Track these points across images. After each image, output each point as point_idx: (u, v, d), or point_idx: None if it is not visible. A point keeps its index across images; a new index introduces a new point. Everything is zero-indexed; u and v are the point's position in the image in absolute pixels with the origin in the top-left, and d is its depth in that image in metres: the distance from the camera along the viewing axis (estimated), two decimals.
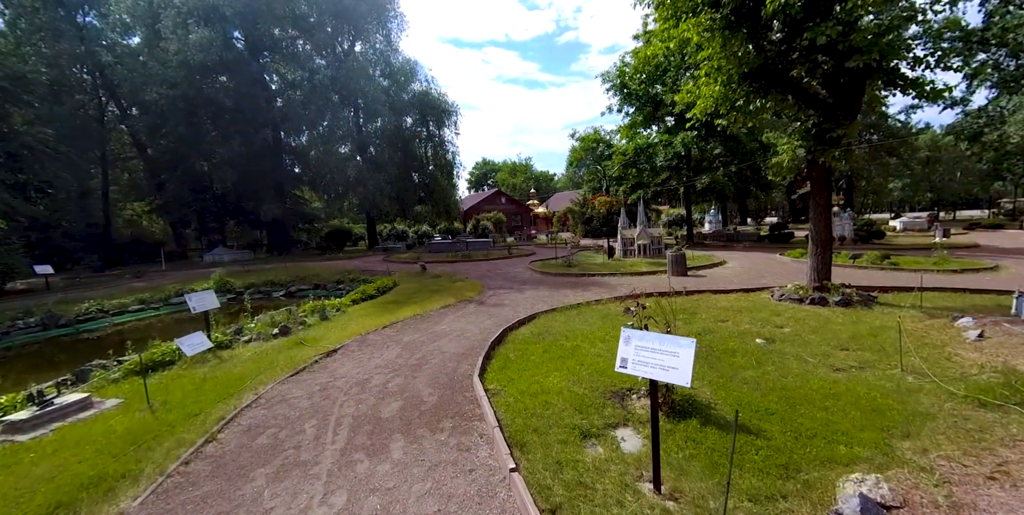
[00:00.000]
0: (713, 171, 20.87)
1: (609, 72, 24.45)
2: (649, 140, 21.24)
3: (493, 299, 10.21)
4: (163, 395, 5.17)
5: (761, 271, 12.66)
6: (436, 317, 8.62)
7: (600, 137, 25.11)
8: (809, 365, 5.13)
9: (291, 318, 8.92)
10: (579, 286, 11.37)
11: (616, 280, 12.10)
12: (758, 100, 8.36)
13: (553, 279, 12.85)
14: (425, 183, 36.67)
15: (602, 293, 10.15)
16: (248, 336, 7.85)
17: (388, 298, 11.12)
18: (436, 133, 37.27)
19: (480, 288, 11.69)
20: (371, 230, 35.41)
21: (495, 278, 13.62)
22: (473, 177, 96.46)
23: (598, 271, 13.52)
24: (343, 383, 5.28)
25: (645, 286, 10.89)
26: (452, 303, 9.85)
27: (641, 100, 23.55)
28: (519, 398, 4.43)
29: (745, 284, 10.47)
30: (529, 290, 11.17)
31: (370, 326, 8.07)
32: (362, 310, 9.79)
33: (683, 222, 43.17)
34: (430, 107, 35.97)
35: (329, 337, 7.50)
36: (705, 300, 8.89)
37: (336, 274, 16.45)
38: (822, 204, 8.24)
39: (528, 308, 8.91)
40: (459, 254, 20.20)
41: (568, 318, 7.68)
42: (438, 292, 11.36)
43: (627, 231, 16.97)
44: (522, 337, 6.64)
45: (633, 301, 6.83)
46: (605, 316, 7.71)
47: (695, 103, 9.35)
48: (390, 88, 33.89)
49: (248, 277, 16.84)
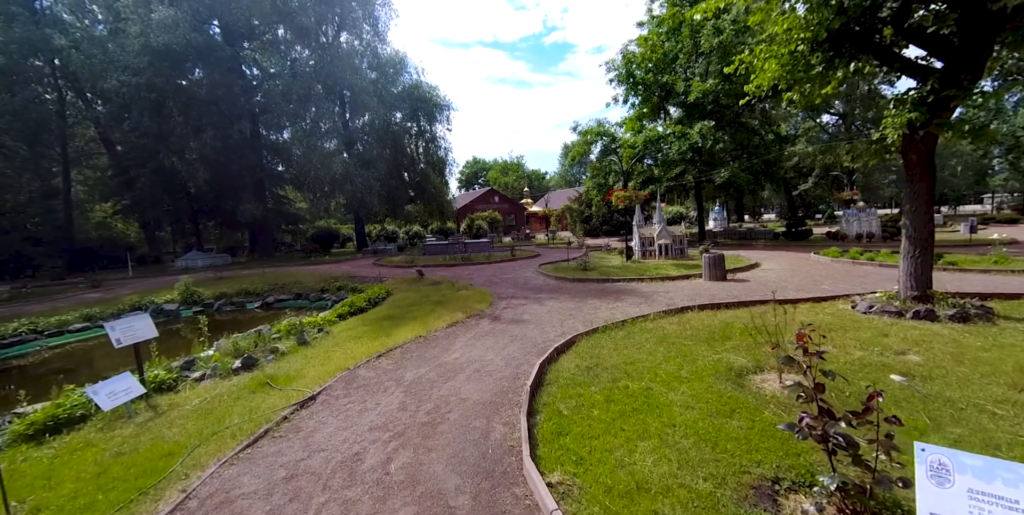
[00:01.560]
0: (729, 164, 19.38)
1: (614, 60, 22.87)
2: (661, 132, 19.65)
3: (509, 313, 8.49)
4: (41, 490, 3.37)
5: (810, 274, 11.12)
6: (444, 340, 6.88)
7: (604, 130, 23.52)
8: (1005, 422, 3.51)
9: (260, 343, 7.10)
10: (606, 295, 9.71)
11: (647, 287, 10.46)
12: (840, 68, 6.77)
13: (572, 286, 11.17)
14: (416, 181, 34.80)
15: (639, 304, 8.50)
16: (201, 371, 6.03)
17: (381, 312, 9.33)
18: (427, 129, 35.44)
19: (490, 298, 9.96)
20: (360, 231, 33.47)
21: (504, 285, 11.90)
22: (464, 176, 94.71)
23: (620, 275, 11.88)
24: (322, 464, 3.52)
25: (683, 294, 9.29)
26: (460, 318, 8.11)
27: (649, 89, 22.01)
28: (606, 504, 2.72)
29: (804, 291, 8.91)
30: (548, 300, 9.48)
31: (360, 354, 6.30)
32: (350, 329, 8.00)
33: (681, 220, 41.94)
34: (421, 101, 34.12)
35: (306, 373, 5.72)
36: (772, 312, 7.27)
37: (321, 281, 14.58)
38: (924, 193, 6.68)
39: (557, 326, 7.22)
40: (458, 257, 18.43)
41: (617, 343, 6.00)
42: (441, 304, 9.61)
43: (645, 229, 15.37)
44: (567, 374, 4.94)
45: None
46: (662, 339, 6.05)
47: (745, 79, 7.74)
48: (378, 81, 32.02)
49: (220, 285, 14.88)
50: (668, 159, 19.42)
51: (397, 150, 32.99)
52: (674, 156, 19.31)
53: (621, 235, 37.69)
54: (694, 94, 18.94)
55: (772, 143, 21.24)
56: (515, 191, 73.53)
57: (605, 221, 36.66)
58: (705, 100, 19.40)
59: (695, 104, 19.95)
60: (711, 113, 19.88)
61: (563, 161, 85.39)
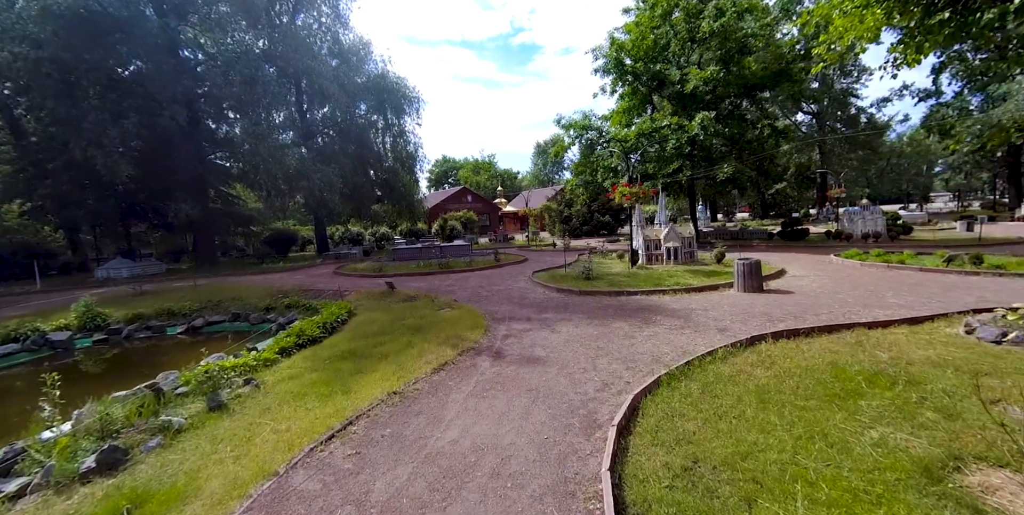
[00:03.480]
0: (730, 159, 17.93)
1: (601, 46, 21.08)
2: (655, 124, 17.99)
3: (514, 345, 6.35)
4: None
5: (856, 283, 9.52)
6: (430, 398, 4.67)
7: (590, 124, 21.75)
8: None
9: (147, 412, 4.68)
10: (631, 314, 7.72)
11: (674, 301, 8.55)
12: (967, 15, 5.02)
13: (581, 301, 9.14)
14: (384, 178, 31.97)
15: (683, 330, 6.55)
16: (23, 479, 3.60)
17: (340, 344, 6.98)
18: (395, 122, 32.68)
19: (483, 321, 7.77)
20: (320, 233, 30.43)
21: (496, 300, 9.73)
22: (433, 175, 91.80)
23: (634, 286, 9.95)
24: None
25: (726, 312, 7.44)
26: (449, 357, 5.91)
27: (639, 79, 20.35)
28: None
29: (875, 308, 7.23)
30: (560, 323, 7.40)
31: (302, 435, 4.01)
32: (293, 377, 5.64)
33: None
34: (388, 93, 31.37)
35: (203, 485, 3.38)
36: (868, 341, 5.47)
37: (267, 296, 11.94)
38: None
39: (589, 369, 5.15)
40: (434, 263, 16.05)
41: (700, 407, 3.97)
42: (419, 331, 7.34)
43: (650, 230, 13.58)
44: (657, 487, 2.85)
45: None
46: (763, 398, 4.07)
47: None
48: (340, 69, 29.17)
49: (138, 303, 11.98)
50: (664, 154, 17.76)
51: (362, 145, 30.13)
52: (670, 151, 17.68)
53: (602, 235, 36.23)
54: (692, 83, 17.37)
55: (768, 137, 20.01)
56: (488, 190, 71.34)
57: (585, 221, 35.12)
58: (704, 90, 17.89)
59: (691, 94, 18.42)
60: (709, 104, 18.40)
61: (536, 160, 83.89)
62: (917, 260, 11.71)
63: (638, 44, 19.90)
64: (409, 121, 32.87)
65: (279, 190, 24.77)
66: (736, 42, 17.35)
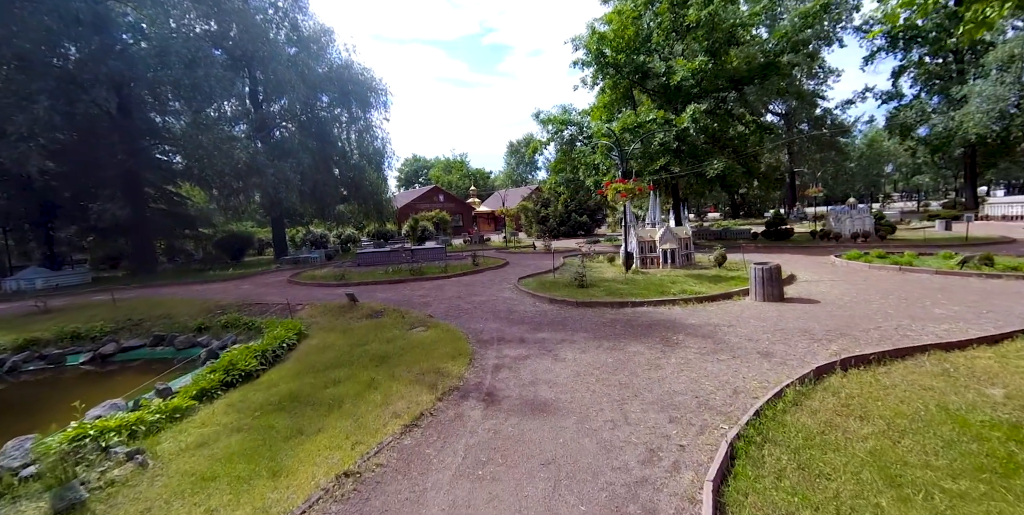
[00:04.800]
0: (719, 155, 17.08)
1: (581, 36, 19.91)
2: (641, 118, 16.95)
3: (511, 383, 4.90)
4: None
5: (879, 289, 8.58)
6: (399, 485, 3.16)
7: (570, 119, 20.57)
8: None
9: None
10: (646, 334, 6.42)
11: (688, 314, 7.33)
12: None
13: (580, 315, 7.78)
14: (349, 176, 29.76)
15: (716, 356, 5.28)
16: None
17: (281, 385, 5.33)
18: (361, 116, 30.56)
19: (466, 346, 6.28)
20: (278, 235, 28.05)
21: (479, 315, 8.25)
22: (403, 174, 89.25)
23: (636, 296, 8.70)
24: None
25: (757, 328, 6.27)
26: (426, 405, 4.40)
27: (622, 71, 19.30)
28: None
29: (925, 321, 6.20)
30: (563, 347, 6.00)
31: None
32: (204, 445, 3.98)
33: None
34: (352, 84, 29.25)
35: None
36: (957, 370, 4.35)
37: (203, 312, 10.01)
38: None
39: (619, 422, 3.77)
40: (404, 269, 14.33)
41: (813, 498, 2.64)
42: (386, 362, 5.78)
43: (644, 231, 12.41)
44: None
45: None
46: (887, 470, 2.80)
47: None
48: (299, 57, 26.96)
49: (38, 325, 9.78)
50: (650, 150, 16.72)
51: (324, 140, 27.90)
52: (656, 147, 16.66)
53: (580, 236, 35.24)
54: (680, 74, 16.41)
55: (752, 134, 19.36)
56: (460, 190, 69.52)
57: (563, 222, 34.06)
58: (690, 83, 16.97)
59: (677, 88, 17.49)
60: (694, 98, 17.52)
61: (508, 160, 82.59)
62: (923, 261, 11.03)
63: (620, 34, 18.85)
64: (376, 115, 30.90)
65: (229, 187, 22.34)
66: (724, 32, 16.52)
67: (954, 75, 33.01)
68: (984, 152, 33.76)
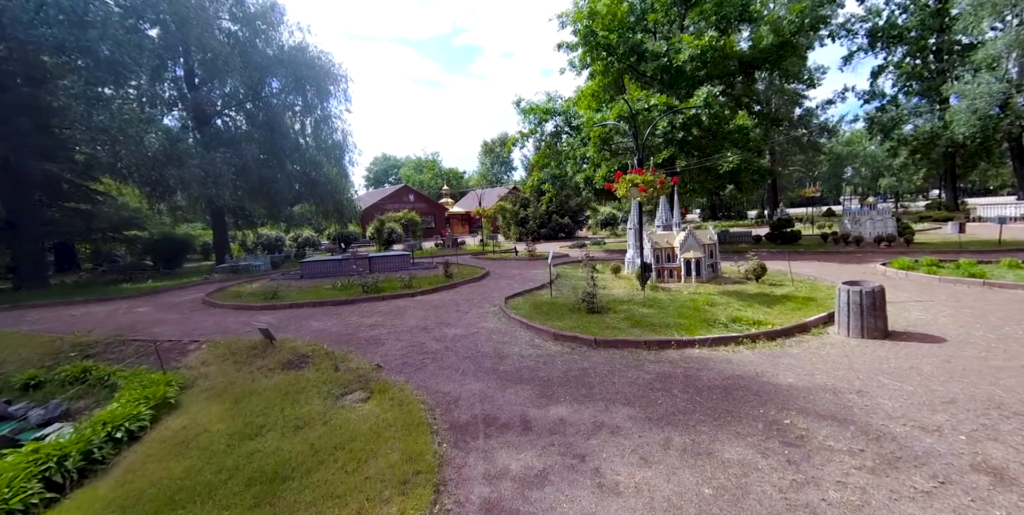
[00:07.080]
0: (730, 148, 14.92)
1: (568, 12, 17.47)
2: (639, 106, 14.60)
3: None
4: None
5: (1012, 316, 6.36)
6: None
7: (555, 108, 18.13)
8: None
9: None
10: (729, 409, 3.87)
11: (773, 363, 4.84)
12: None
13: (606, 364, 5.17)
14: (305, 172, 26.27)
15: (887, 468, 2.75)
16: None
17: None
18: (318, 104, 27.10)
19: (428, 444, 3.56)
20: (219, 239, 24.42)
21: (453, 365, 5.51)
22: (372, 173, 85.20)
23: (672, 326, 6.18)
24: None
25: (893, 391, 3.81)
26: None
27: (615, 53, 16.94)
28: None
29: None
30: (606, 449, 3.36)
31: None
32: None
33: (613, 222, 38.11)
34: (307, 68, 25.85)
35: None
36: None
37: (48, 354, 6.86)
38: None
39: None
40: (355, 283, 11.28)
41: None
42: (274, 497, 3.00)
43: (659, 236, 9.96)
44: None
45: None
46: None
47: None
48: (242, 34, 23.57)
49: None
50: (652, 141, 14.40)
51: (275, 130, 24.35)
52: (659, 137, 14.36)
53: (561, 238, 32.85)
54: (685, 53, 14.17)
55: (757, 126, 17.38)
56: (432, 190, 66.18)
57: (543, 223, 31.66)
58: (694, 66, 14.74)
59: (679, 70, 15.25)
60: (700, 81, 15.32)
61: (483, 159, 79.85)
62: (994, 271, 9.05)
63: (612, 9, 16.49)
64: (335, 104, 27.59)
65: (150, 181, 18.62)
66: (735, 6, 14.44)
67: (935, 76, 32.63)
68: (964, 154, 33.56)
